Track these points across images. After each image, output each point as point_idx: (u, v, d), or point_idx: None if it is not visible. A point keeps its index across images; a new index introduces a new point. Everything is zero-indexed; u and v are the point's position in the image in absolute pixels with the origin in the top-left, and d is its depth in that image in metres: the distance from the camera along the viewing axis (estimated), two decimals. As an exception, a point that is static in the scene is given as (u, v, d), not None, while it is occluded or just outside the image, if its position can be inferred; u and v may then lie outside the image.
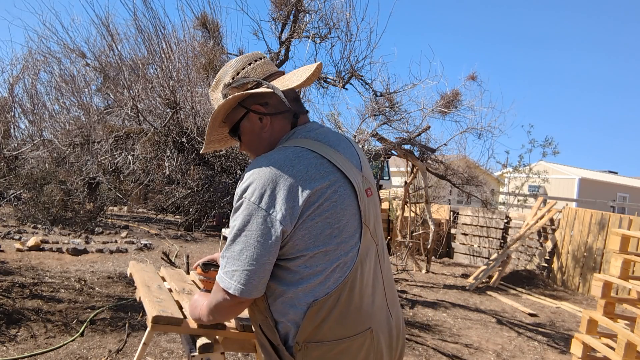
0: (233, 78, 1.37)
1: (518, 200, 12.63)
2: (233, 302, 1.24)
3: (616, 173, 27.93)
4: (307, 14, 6.36)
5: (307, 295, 1.21)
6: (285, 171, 1.19)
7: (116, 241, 8.20)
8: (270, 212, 1.18)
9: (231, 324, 2.09)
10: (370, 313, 1.26)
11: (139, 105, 4.62)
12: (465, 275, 8.79)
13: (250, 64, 1.37)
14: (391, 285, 1.39)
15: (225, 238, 8.14)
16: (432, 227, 8.55)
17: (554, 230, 8.81)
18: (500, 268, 8.28)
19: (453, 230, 10.98)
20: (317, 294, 1.21)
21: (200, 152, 1.60)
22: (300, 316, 1.21)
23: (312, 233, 1.20)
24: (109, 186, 5.20)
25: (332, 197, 1.21)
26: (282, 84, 1.32)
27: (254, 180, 1.20)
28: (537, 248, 9.11)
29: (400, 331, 1.39)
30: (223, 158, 5.47)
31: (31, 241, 6.96)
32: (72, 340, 3.70)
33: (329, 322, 1.21)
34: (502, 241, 9.76)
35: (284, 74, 1.40)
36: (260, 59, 1.39)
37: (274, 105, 1.32)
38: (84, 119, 4.74)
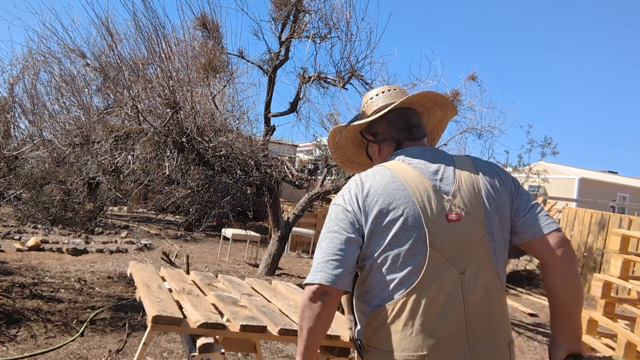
0: (363, 107, 1.60)
1: (518, 200, 12.59)
2: None
3: (616, 173, 27.92)
4: (307, 14, 6.35)
5: (371, 302, 1.32)
6: (361, 181, 1.37)
7: (116, 241, 8.20)
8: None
9: (231, 324, 2.09)
10: (429, 339, 1.23)
11: (139, 105, 4.62)
12: (465, 275, 8.80)
13: (377, 95, 1.57)
14: (485, 319, 1.27)
15: (225, 238, 8.16)
16: (432, 227, 8.54)
17: (554, 230, 8.81)
18: (500, 268, 8.28)
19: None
20: (376, 303, 1.30)
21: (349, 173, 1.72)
22: (366, 321, 1.33)
23: (371, 244, 1.30)
24: (109, 186, 5.20)
25: (390, 209, 1.29)
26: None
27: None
28: (537, 248, 9.10)
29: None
30: (223, 158, 5.47)
31: (31, 241, 6.96)
32: (72, 340, 3.70)
33: (382, 332, 1.28)
34: (502, 241, 9.76)
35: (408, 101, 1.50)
36: (389, 90, 1.57)
37: (381, 134, 1.52)
38: (83, 119, 4.74)
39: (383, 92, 1.56)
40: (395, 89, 1.57)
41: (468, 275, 1.27)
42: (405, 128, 1.48)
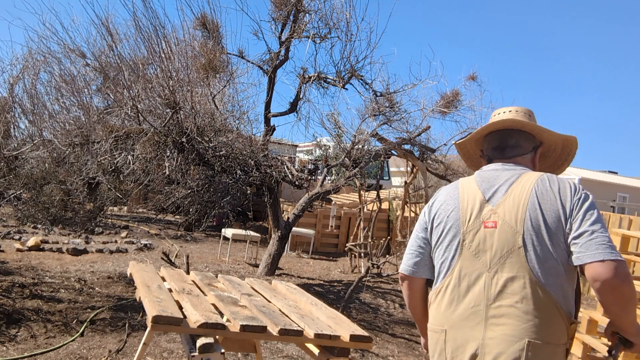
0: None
1: (518, 200, 12.60)
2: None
3: (616, 173, 27.89)
4: (307, 14, 6.35)
5: (433, 288, 1.69)
6: (439, 191, 1.76)
7: (116, 241, 8.20)
8: None
9: (231, 324, 2.09)
10: (450, 319, 1.57)
11: (139, 106, 4.62)
12: (465, 275, 8.79)
13: (499, 113, 1.76)
14: (502, 313, 1.48)
15: (225, 238, 8.15)
16: (432, 227, 8.53)
17: (554, 230, 8.79)
18: (500, 268, 8.27)
19: (453, 230, 10.96)
20: (432, 288, 1.69)
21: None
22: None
23: (433, 235, 1.67)
24: (109, 186, 5.20)
25: (443, 215, 1.64)
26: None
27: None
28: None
29: (490, 355, 1.47)
30: (223, 158, 5.47)
31: (31, 241, 6.96)
32: (72, 340, 3.70)
33: (430, 311, 1.69)
34: (502, 241, 9.74)
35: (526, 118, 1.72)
36: (510, 111, 1.74)
37: (484, 150, 1.79)
38: (83, 119, 4.74)
39: (508, 112, 1.74)
40: (517, 111, 1.73)
41: (494, 274, 1.51)
42: (499, 148, 1.73)
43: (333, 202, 10.49)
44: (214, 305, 2.35)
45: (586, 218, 1.44)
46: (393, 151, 7.73)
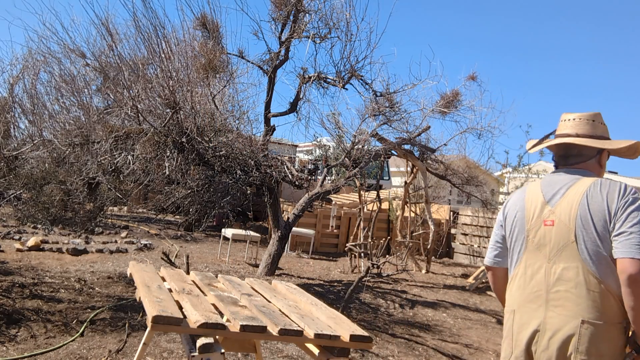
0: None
1: (518, 200, 12.58)
2: None
3: (616, 173, 27.88)
4: (307, 14, 6.35)
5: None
6: (512, 193, 2.13)
7: (116, 241, 8.20)
8: None
9: (231, 324, 2.09)
10: (518, 301, 1.91)
11: (138, 106, 4.62)
12: (465, 276, 8.79)
13: (567, 120, 1.99)
14: (559, 296, 1.79)
15: (225, 238, 8.15)
16: (432, 227, 8.55)
17: (554, 230, 8.79)
18: (500, 268, 8.27)
19: (453, 231, 10.97)
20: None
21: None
22: None
23: (506, 232, 2.01)
24: (108, 186, 5.20)
25: (512, 215, 1.98)
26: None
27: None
28: (537, 248, 9.09)
29: (550, 335, 1.77)
30: (223, 158, 5.47)
31: (31, 241, 6.96)
32: (72, 340, 3.70)
33: (506, 294, 2.03)
34: (502, 241, 9.74)
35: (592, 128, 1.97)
36: (573, 119, 1.96)
37: (553, 156, 2.05)
38: (83, 119, 4.74)
39: (572, 119, 1.97)
40: (580, 118, 1.95)
41: (552, 264, 1.82)
42: (563, 156, 1.98)
43: (333, 202, 10.49)
44: (214, 305, 2.35)
45: (628, 220, 1.69)
46: (393, 151, 7.74)
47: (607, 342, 1.71)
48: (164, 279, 2.77)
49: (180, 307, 2.22)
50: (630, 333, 1.74)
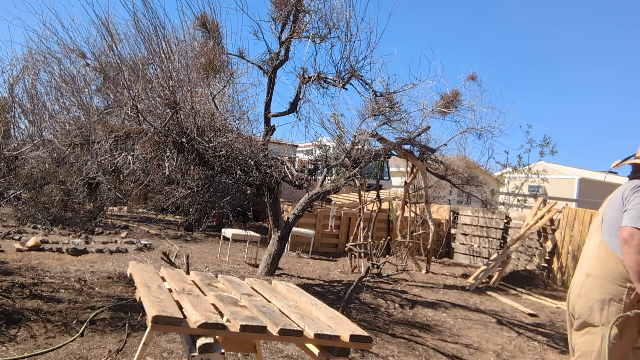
0: None
1: (518, 201, 12.61)
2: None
3: (616, 173, 27.88)
4: (307, 14, 6.35)
5: None
6: None
7: (116, 241, 8.20)
8: None
9: (231, 324, 2.09)
10: (578, 267, 2.69)
11: (139, 106, 4.62)
12: (465, 276, 8.79)
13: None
14: (584, 263, 2.66)
15: (225, 238, 8.15)
16: (432, 227, 8.54)
17: (553, 231, 8.81)
18: (500, 268, 8.28)
19: (453, 231, 10.97)
20: None
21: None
22: None
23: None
24: (108, 186, 5.20)
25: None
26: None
27: None
28: (537, 248, 9.11)
29: (575, 286, 2.65)
30: (223, 158, 5.47)
31: (31, 241, 6.95)
32: (72, 341, 3.70)
33: None
34: (502, 241, 9.76)
35: None
36: None
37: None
38: (83, 119, 4.74)
39: None
40: None
41: (589, 240, 2.69)
42: (634, 172, 2.61)
43: (333, 202, 10.49)
44: (214, 305, 2.35)
45: (633, 202, 2.39)
46: (393, 151, 7.74)
47: (598, 290, 2.47)
48: (164, 279, 2.77)
49: (180, 307, 2.22)
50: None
